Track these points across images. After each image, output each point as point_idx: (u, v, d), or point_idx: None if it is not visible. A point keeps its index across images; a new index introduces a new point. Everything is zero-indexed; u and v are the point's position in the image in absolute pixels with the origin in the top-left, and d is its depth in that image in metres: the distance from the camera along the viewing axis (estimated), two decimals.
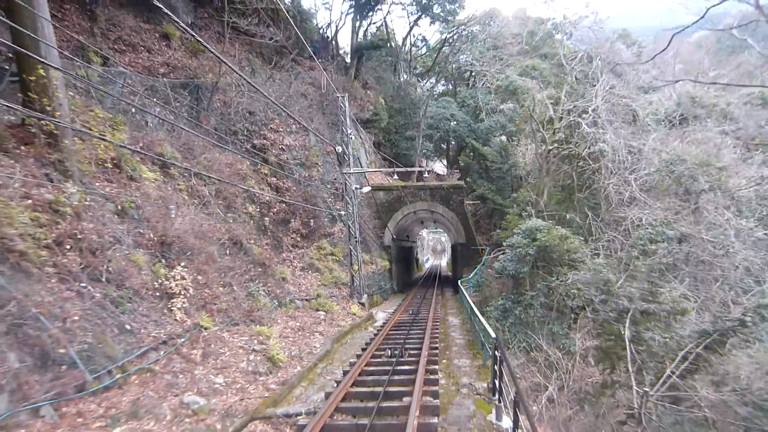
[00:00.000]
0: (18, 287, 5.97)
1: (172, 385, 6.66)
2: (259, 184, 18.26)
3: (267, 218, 17.86)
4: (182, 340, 7.87)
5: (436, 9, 30.83)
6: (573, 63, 16.35)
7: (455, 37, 34.05)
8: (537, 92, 22.30)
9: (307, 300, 15.59)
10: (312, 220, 19.84)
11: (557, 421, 7.48)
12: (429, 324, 13.51)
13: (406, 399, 7.01)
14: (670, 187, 13.20)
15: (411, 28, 33.69)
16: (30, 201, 7.40)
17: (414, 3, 31.37)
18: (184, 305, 8.72)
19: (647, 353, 8.44)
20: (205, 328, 8.58)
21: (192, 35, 6.62)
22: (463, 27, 33.05)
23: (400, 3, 31.36)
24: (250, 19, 19.10)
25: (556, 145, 15.80)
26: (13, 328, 5.50)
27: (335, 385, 7.84)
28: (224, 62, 8.72)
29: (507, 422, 6.67)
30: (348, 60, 29.75)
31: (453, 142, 35.18)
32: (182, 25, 6.43)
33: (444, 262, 69.58)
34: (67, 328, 6.10)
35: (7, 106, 8.02)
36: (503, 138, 26.37)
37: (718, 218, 12.83)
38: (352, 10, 27.48)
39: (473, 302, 13.70)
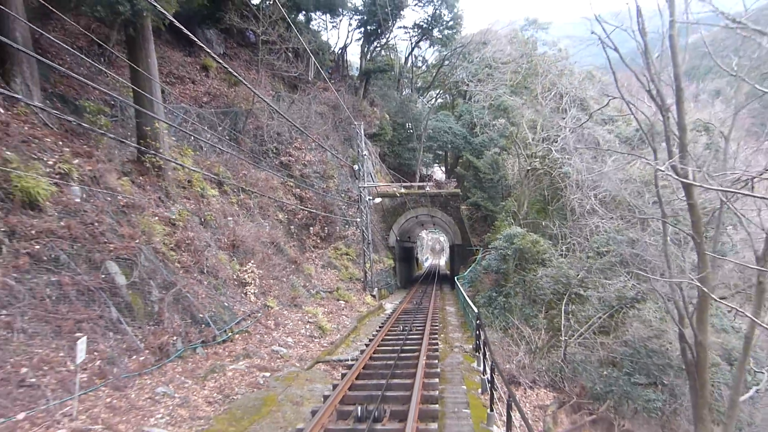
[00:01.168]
0: (160, 278, 9.31)
1: (262, 341, 10.03)
2: (285, 194, 21.58)
3: (293, 224, 21.21)
4: (259, 314, 11.23)
5: (436, 33, 34.25)
6: (547, 99, 19.69)
7: (453, 56, 37.35)
8: (524, 110, 25.61)
9: (329, 292, 18.90)
10: (329, 225, 23.16)
11: (519, 368, 10.86)
12: (430, 311, 16.85)
13: (416, 353, 10.35)
14: (623, 200, 16.52)
15: (412, 49, 37.17)
16: (157, 217, 10.74)
17: (415, 26, 34.78)
18: (254, 291, 12.09)
19: (576, 321, 11.88)
20: (271, 307, 11.94)
21: (232, 73, 9.64)
22: (461, 47, 36.37)
23: (403, 27, 34.72)
24: (277, 55, 22.39)
25: (534, 165, 19.17)
26: (176, 300, 8.86)
27: (365, 347, 11.17)
28: (259, 96, 11.65)
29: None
30: (357, 80, 33.07)
31: (451, 152, 38.48)
32: (223, 63, 9.22)
33: (443, 261, 72.41)
34: (200, 302, 9.47)
35: (139, 149, 11.40)
36: (496, 150, 29.66)
37: (659, 226, 16.22)
38: (362, 36, 30.86)
39: (467, 295, 17.08)
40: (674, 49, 8.25)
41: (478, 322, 10.26)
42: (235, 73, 9.48)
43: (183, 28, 6.60)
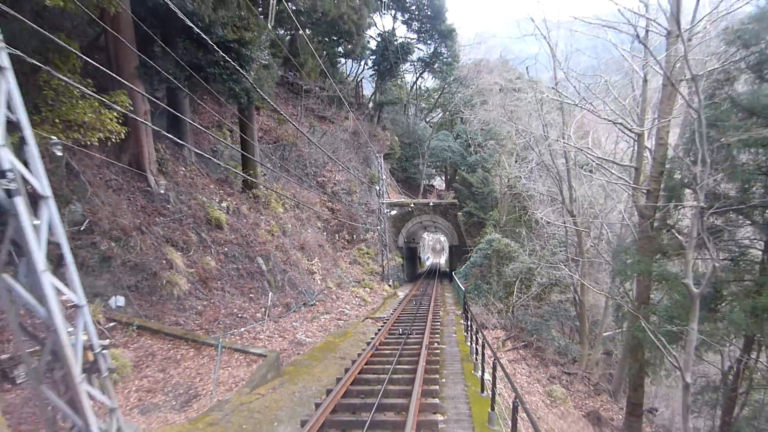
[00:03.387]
0: (280, 268, 15.69)
1: (333, 306, 16.42)
2: (321, 207, 27.93)
3: (327, 230, 27.56)
4: (325, 291, 17.62)
5: (436, 66, 40.58)
6: (521, 137, 26.03)
7: (453, 83, 43.67)
8: (509, 137, 31.90)
9: (357, 281, 25.22)
10: (354, 231, 29.51)
11: (489, 324, 17.26)
12: (433, 296, 23.20)
13: (425, 314, 16.70)
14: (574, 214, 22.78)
15: (417, 79, 43.56)
16: (263, 230, 17.10)
17: (419, 60, 41.16)
18: (319, 277, 18.46)
19: (522, 293, 18.29)
20: (331, 288, 18.33)
21: (286, 118, 15.85)
22: (462, 78, 42.65)
23: (410, 61, 41.04)
24: (315, 99, 28.80)
25: (511, 185, 25.59)
26: (289, 280, 15.25)
27: (392, 312, 17.51)
28: (305, 135, 17.79)
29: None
30: (372, 110, 39.48)
31: (450, 166, 44.87)
32: (287, 117, 15.73)
33: (443, 260, 78.29)
34: (301, 280, 15.85)
35: (246, 183, 17.73)
36: (487, 167, 36.00)
37: (596, 232, 22.53)
38: (375, 73, 37.30)
39: (461, 284, 23.42)
40: (567, 160, 14.65)
41: (465, 295, 16.61)
42: (293, 122, 15.85)
43: (272, 103, 12.97)
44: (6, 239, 3.51)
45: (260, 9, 19.21)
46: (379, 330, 13.53)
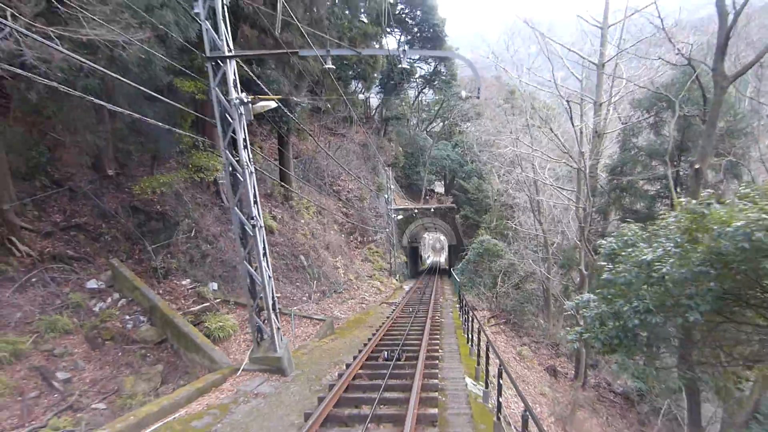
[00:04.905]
0: (316, 264, 20.12)
1: (356, 293, 20.87)
2: (337, 212, 32.29)
3: (342, 232, 31.94)
4: (348, 283, 22.02)
5: (436, 83, 44.97)
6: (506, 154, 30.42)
7: (451, 98, 48.03)
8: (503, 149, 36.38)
9: (369, 276, 29.62)
10: (364, 233, 33.87)
11: (478, 307, 21.66)
12: (434, 288, 27.65)
13: (429, 300, 21.11)
14: (550, 220, 27.18)
15: (418, 94, 47.89)
16: (299, 234, 21.51)
17: (420, 78, 45.55)
18: (343, 271, 22.86)
19: (505, 283, 22.80)
20: (352, 280, 22.75)
21: (314, 139, 20.13)
22: (456, 89, 47.02)
23: (412, 79, 45.40)
24: (331, 118, 33.18)
25: (499, 193, 30.01)
26: (323, 273, 19.68)
27: (401, 300, 21.90)
28: (326, 151, 22.07)
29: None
30: (378, 123, 43.91)
31: (448, 173, 49.28)
32: (313, 136, 20.02)
33: (442, 258, 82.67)
34: (331, 273, 20.27)
35: (285, 196, 22.19)
36: (482, 175, 40.38)
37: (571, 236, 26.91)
38: (381, 90, 41.70)
39: (459, 279, 27.87)
40: (536, 184, 19.01)
41: (460, 286, 21.01)
42: (317, 141, 20.13)
43: (307, 131, 17.26)
44: (247, 248, 7.95)
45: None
46: (393, 310, 17.94)
